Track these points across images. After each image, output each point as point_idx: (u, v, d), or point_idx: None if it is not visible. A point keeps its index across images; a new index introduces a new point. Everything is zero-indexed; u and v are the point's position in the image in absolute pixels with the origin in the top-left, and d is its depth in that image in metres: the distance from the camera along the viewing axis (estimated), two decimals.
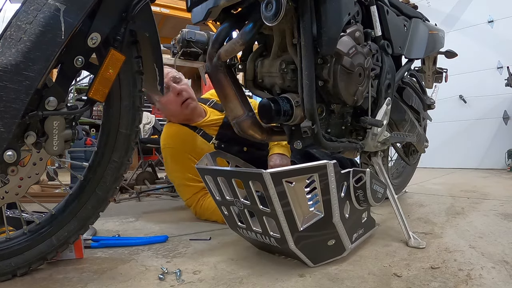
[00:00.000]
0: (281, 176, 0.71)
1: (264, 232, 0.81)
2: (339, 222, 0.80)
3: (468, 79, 3.74)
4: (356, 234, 0.90)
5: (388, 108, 1.07)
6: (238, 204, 0.83)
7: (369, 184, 0.85)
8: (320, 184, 0.75)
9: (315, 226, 0.78)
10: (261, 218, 0.79)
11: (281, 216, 0.74)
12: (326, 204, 0.77)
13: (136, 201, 1.86)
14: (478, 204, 1.52)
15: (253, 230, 0.84)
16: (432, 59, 1.65)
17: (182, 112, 1.40)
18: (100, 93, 0.72)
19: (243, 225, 0.86)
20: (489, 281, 0.70)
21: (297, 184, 0.75)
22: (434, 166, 3.79)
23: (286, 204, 0.74)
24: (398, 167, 1.86)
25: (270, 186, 0.71)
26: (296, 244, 0.77)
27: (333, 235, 0.82)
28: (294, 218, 0.75)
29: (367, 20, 1.03)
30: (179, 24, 3.62)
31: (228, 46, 0.95)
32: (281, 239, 0.78)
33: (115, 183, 0.84)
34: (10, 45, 0.59)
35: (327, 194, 0.77)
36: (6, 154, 0.63)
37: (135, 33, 0.79)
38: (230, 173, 0.81)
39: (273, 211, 0.74)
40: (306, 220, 0.78)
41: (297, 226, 0.76)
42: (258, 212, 0.78)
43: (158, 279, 0.74)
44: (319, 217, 0.78)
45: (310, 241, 0.79)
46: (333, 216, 0.79)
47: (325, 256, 0.83)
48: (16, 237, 0.76)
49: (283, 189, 0.72)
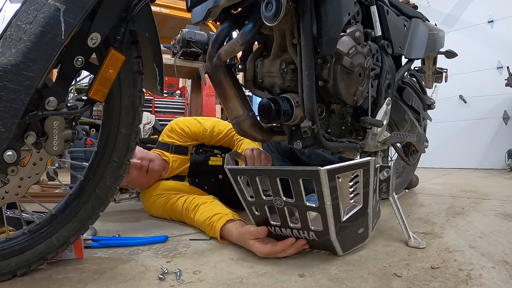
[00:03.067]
0: (335, 172, 0.78)
1: (304, 227, 0.84)
2: (371, 212, 0.89)
3: (468, 79, 3.75)
4: (374, 223, 0.97)
5: (388, 108, 1.07)
6: (278, 202, 0.85)
7: (393, 177, 0.95)
8: (363, 178, 0.83)
9: (353, 217, 0.85)
10: (305, 214, 0.82)
11: (329, 209, 0.79)
12: (365, 196, 0.85)
13: (136, 201, 1.86)
14: (478, 204, 1.52)
15: (289, 227, 0.87)
16: (432, 59, 1.65)
17: (150, 178, 1.40)
18: (100, 93, 0.72)
19: (277, 223, 0.88)
20: (489, 281, 0.70)
21: (343, 179, 0.81)
22: (434, 166, 3.80)
23: (335, 198, 0.79)
24: (398, 167, 1.86)
25: (324, 182, 0.76)
26: (337, 235, 0.82)
27: (363, 224, 0.89)
28: (340, 211, 0.81)
29: (367, 20, 1.03)
30: (179, 24, 3.63)
31: (228, 46, 0.95)
32: (323, 231, 0.83)
33: (115, 183, 0.84)
34: (10, 45, 0.59)
35: (367, 187, 0.85)
36: (6, 154, 0.63)
37: (135, 33, 0.79)
38: (275, 172, 0.83)
39: (322, 205, 0.79)
40: (347, 212, 0.84)
41: (340, 218, 0.82)
42: (303, 208, 0.82)
43: (158, 279, 0.74)
44: (358, 207, 0.85)
45: (347, 231, 0.85)
46: (368, 206, 0.87)
47: (354, 243, 0.91)
48: (16, 237, 0.76)
49: (335, 184, 0.78)
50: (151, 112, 4.10)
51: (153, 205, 1.37)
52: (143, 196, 1.45)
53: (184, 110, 4.38)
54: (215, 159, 1.46)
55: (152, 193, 1.39)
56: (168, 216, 1.34)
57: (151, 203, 1.38)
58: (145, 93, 0.89)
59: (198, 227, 1.15)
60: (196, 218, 1.14)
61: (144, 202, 1.44)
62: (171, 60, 2.46)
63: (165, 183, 1.41)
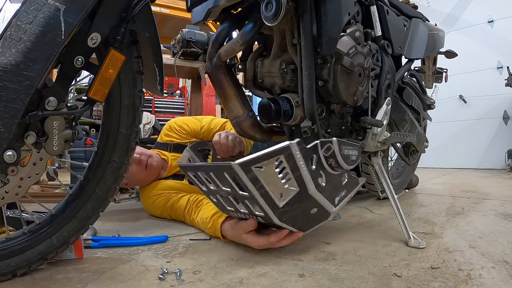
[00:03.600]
0: (249, 164, 0.75)
1: (250, 213, 0.87)
2: (316, 193, 0.83)
3: (468, 79, 3.75)
4: (339, 197, 0.92)
5: (388, 108, 1.07)
6: (221, 192, 0.88)
7: (338, 151, 0.86)
8: (288, 163, 0.78)
9: (293, 201, 0.82)
10: (244, 202, 0.85)
11: (259, 198, 0.78)
12: (298, 180, 0.80)
13: (136, 201, 1.86)
14: (478, 204, 1.52)
15: (241, 212, 0.89)
16: (432, 59, 1.65)
17: (149, 174, 1.40)
18: (100, 93, 0.72)
19: (232, 208, 0.91)
20: (489, 281, 0.70)
21: (266, 167, 0.77)
22: (434, 166, 3.80)
23: (261, 187, 0.77)
24: (398, 167, 1.86)
25: (241, 175, 0.75)
26: (280, 220, 0.82)
27: (314, 204, 0.85)
28: (272, 198, 0.79)
29: (367, 20, 1.03)
30: (179, 24, 3.63)
31: (228, 46, 0.95)
32: (265, 217, 0.83)
33: (115, 183, 0.84)
34: (10, 45, 0.59)
35: (297, 171, 0.79)
36: (6, 154, 0.63)
37: (135, 33, 0.79)
38: (207, 168, 0.87)
39: (251, 195, 0.78)
40: (283, 198, 0.81)
41: (277, 204, 0.80)
42: (240, 197, 0.83)
43: (158, 279, 0.74)
44: (295, 192, 0.81)
45: (293, 213, 0.83)
46: (308, 189, 0.82)
47: (312, 223, 0.90)
48: (16, 237, 0.76)
49: (254, 175, 0.76)
50: (151, 112, 4.10)
51: (153, 204, 1.37)
52: (143, 195, 1.45)
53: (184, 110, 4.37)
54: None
55: (151, 192, 1.39)
56: (168, 215, 1.34)
57: (151, 203, 1.38)
58: (145, 93, 0.89)
59: (200, 227, 1.15)
60: (199, 217, 1.13)
61: (144, 201, 1.44)
62: (171, 60, 2.45)
63: (165, 182, 1.41)
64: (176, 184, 1.41)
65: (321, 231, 1.12)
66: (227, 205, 0.93)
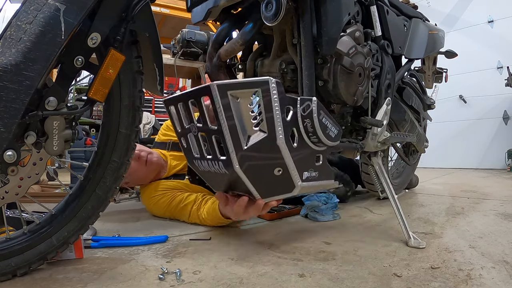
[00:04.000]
0: (227, 88, 0.75)
1: (214, 157, 0.83)
2: (284, 147, 0.80)
3: (468, 79, 3.75)
4: (308, 173, 0.87)
5: (388, 108, 1.07)
6: (193, 129, 0.86)
7: (316, 114, 0.83)
8: (263, 100, 0.77)
9: (259, 146, 0.79)
10: (211, 140, 0.81)
11: (226, 131, 0.76)
12: (269, 122, 0.78)
13: (136, 201, 1.86)
14: (478, 204, 1.52)
15: (206, 158, 0.86)
16: (432, 59, 1.65)
17: (150, 170, 1.39)
18: (100, 93, 0.72)
19: (197, 155, 0.89)
20: (489, 281, 0.70)
21: (242, 100, 0.77)
22: (434, 166, 3.80)
23: (230, 118, 0.76)
24: (398, 167, 1.86)
25: (216, 98, 0.74)
26: (240, 165, 0.78)
27: (279, 162, 0.82)
28: (238, 135, 0.77)
29: (367, 20, 1.03)
30: (179, 24, 3.62)
31: (228, 46, 0.95)
32: (226, 160, 0.79)
33: (115, 183, 0.84)
34: (10, 45, 0.59)
35: (269, 112, 0.77)
36: (6, 154, 0.63)
37: (135, 33, 0.79)
38: (185, 96, 0.84)
39: (219, 128, 0.76)
40: (250, 140, 0.79)
41: (241, 144, 0.77)
42: (208, 132, 0.81)
43: (158, 279, 0.74)
44: (263, 135, 0.79)
45: (255, 164, 0.80)
46: (277, 137, 0.79)
47: (274, 190, 0.85)
48: (16, 237, 0.76)
49: (228, 102, 0.75)
50: (151, 112, 4.10)
51: (157, 204, 1.36)
52: (144, 195, 1.44)
53: None
54: None
55: (153, 192, 1.39)
56: (171, 215, 1.33)
57: (154, 202, 1.37)
58: (145, 93, 0.89)
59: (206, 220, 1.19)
60: (205, 210, 1.18)
61: (146, 201, 1.43)
62: (171, 60, 2.45)
63: (166, 183, 1.41)
64: (178, 184, 1.40)
65: (321, 231, 1.12)
66: (195, 152, 0.90)
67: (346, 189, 1.60)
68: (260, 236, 1.08)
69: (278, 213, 1.35)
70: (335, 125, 0.88)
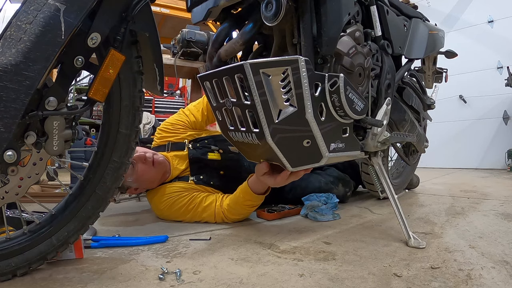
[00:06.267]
0: (259, 66, 0.79)
1: (247, 129, 0.88)
2: (312, 120, 0.84)
3: (468, 79, 3.74)
4: (335, 145, 0.92)
5: (388, 108, 1.07)
6: (228, 103, 0.89)
7: (343, 89, 0.87)
8: (293, 77, 0.81)
9: (289, 120, 0.83)
10: (245, 114, 0.86)
11: (259, 106, 0.80)
12: (298, 98, 0.82)
13: (136, 201, 1.86)
14: (478, 204, 1.52)
15: (240, 130, 0.91)
16: (432, 59, 1.65)
17: (158, 171, 1.35)
18: (100, 93, 0.72)
19: (232, 127, 0.94)
20: (489, 281, 0.70)
21: (273, 77, 0.80)
22: (434, 166, 3.80)
23: (263, 94, 0.80)
24: (398, 167, 1.86)
25: (249, 76, 0.78)
26: (272, 137, 0.83)
27: (307, 135, 0.86)
28: (270, 109, 0.81)
29: (367, 20, 1.03)
30: (179, 24, 3.63)
31: (228, 46, 0.95)
32: (259, 133, 0.84)
33: (115, 183, 0.84)
34: (10, 45, 0.59)
35: (299, 88, 0.81)
36: (6, 154, 0.63)
37: (135, 33, 0.79)
38: (220, 73, 0.87)
39: (252, 103, 0.81)
40: (281, 114, 0.83)
41: (273, 118, 0.82)
42: (242, 106, 0.85)
43: (158, 279, 0.74)
44: (293, 110, 0.83)
45: (285, 135, 0.84)
46: (306, 111, 0.83)
47: (302, 160, 0.90)
48: (16, 237, 0.76)
49: (260, 79, 0.79)
50: (151, 112, 4.11)
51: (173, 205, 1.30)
52: (154, 200, 1.37)
53: None
54: (212, 154, 1.45)
55: (165, 196, 1.33)
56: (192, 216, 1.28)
57: (170, 204, 1.31)
58: (145, 93, 0.89)
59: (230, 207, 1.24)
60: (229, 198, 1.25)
61: (157, 205, 1.36)
62: (171, 60, 2.46)
63: (174, 185, 1.36)
64: (186, 185, 1.37)
65: (321, 231, 1.12)
66: (229, 124, 0.95)
67: (346, 189, 1.60)
68: (260, 236, 1.08)
69: (278, 213, 1.35)
70: (361, 100, 0.92)
